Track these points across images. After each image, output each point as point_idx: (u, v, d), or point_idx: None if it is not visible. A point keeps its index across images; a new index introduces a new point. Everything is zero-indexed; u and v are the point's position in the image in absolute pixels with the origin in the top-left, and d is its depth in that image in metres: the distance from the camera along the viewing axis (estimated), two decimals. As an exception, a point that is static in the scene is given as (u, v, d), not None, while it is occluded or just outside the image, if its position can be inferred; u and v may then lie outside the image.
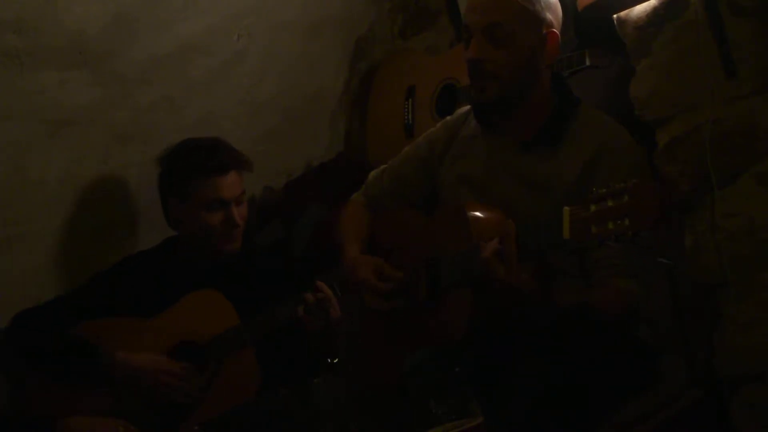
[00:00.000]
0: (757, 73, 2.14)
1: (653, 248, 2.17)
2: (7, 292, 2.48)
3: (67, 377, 2.20)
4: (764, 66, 2.13)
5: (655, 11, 2.25)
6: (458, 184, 2.16)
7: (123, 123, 2.60)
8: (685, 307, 2.35)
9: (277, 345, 2.29)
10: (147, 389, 2.20)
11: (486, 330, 1.93)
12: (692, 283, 2.29)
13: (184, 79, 2.69)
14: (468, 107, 2.22)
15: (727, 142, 2.18)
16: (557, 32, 2.02)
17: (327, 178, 3.10)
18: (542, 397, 1.85)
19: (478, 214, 1.98)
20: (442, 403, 1.80)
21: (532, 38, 1.99)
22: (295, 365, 2.33)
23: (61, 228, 2.59)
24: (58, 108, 2.41)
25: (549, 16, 2.01)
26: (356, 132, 3.30)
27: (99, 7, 2.35)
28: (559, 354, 1.89)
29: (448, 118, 2.29)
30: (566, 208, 1.69)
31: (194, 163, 2.34)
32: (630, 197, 1.61)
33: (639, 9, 2.28)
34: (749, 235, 2.18)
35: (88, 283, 2.39)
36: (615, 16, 2.34)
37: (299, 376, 2.31)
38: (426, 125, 2.72)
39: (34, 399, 2.21)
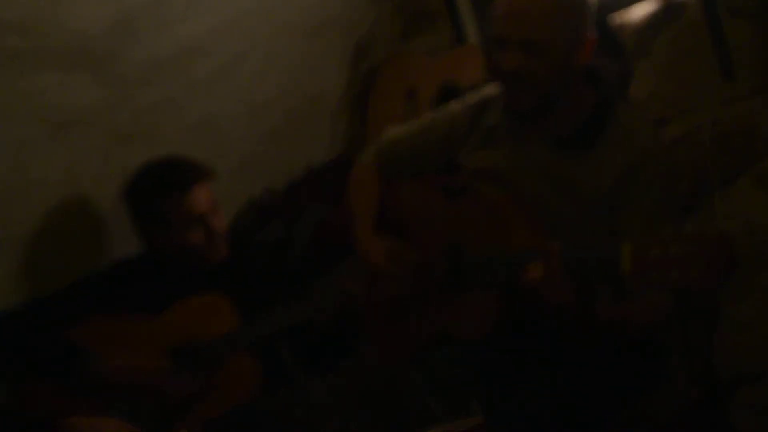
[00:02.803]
0: (755, 74, 2.15)
1: None
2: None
3: (58, 381, 2.17)
4: (763, 67, 2.14)
5: (654, 13, 2.26)
6: (479, 176, 2.04)
7: (124, 124, 2.60)
8: (685, 307, 2.35)
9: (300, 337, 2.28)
10: (137, 391, 2.18)
11: (503, 334, 1.89)
12: (692, 283, 2.29)
13: (186, 80, 2.69)
14: (490, 91, 2.09)
15: (726, 142, 2.19)
16: (594, 36, 1.92)
17: (327, 179, 3.10)
18: (543, 397, 1.86)
19: (516, 217, 1.89)
20: (442, 402, 1.80)
21: (569, 45, 1.89)
22: (321, 352, 2.32)
23: (61, 228, 2.59)
24: (59, 109, 2.41)
25: (587, 21, 1.91)
26: (357, 133, 3.30)
27: (101, 8, 2.36)
28: (562, 355, 1.90)
29: (469, 99, 2.14)
30: (627, 246, 1.58)
31: (157, 188, 2.31)
32: (698, 248, 1.51)
33: (638, 11, 2.30)
34: (748, 236, 2.18)
35: (78, 284, 2.35)
36: (615, 17, 2.35)
37: (328, 360, 2.31)
38: (426, 126, 2.72)
39: (34, 397, 2.21)
